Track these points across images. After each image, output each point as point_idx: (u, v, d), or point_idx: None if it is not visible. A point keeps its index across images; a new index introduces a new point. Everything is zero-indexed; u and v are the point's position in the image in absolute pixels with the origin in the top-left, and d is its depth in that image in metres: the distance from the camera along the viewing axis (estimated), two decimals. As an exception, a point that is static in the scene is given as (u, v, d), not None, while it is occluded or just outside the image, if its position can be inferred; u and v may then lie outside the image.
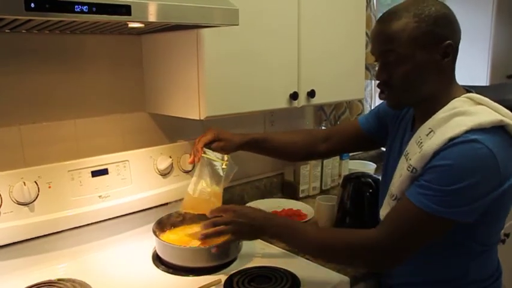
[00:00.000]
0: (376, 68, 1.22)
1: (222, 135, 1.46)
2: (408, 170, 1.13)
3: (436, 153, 1.07)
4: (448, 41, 1.12)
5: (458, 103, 1.13)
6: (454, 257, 1.19)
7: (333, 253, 1.23)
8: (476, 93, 1.17)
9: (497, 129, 1.07)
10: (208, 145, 1.44)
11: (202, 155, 1.42)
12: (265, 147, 1.55)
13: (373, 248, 1.14)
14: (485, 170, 1.03)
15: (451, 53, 1.13)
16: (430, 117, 1.14)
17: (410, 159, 1.14)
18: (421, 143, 1.12)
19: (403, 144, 1.26)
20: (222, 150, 1.46)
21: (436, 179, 1.05)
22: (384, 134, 1.44)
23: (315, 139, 1.58)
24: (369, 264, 1.22)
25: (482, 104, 1.12)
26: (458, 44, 1.17)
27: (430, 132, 1.12)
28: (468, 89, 1.21)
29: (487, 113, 1.09)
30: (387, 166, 1.36)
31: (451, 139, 1.05)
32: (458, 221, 1.06)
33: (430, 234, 1.11)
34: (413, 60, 1.12)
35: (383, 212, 1.24)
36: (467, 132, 1.04)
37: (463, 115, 1.09)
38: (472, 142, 1.03)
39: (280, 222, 1.31)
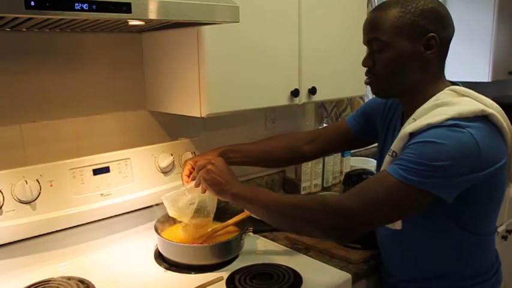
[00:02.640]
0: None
1: (198, 162, 1.39)
2: (389, 155, 1.15)
3: (413, 134, 1.09)
4: (432, 34, 1.13)
5: (442, 96, 1.15)
6: (451, 250, 1.20)
7: (292, 216, 1.16)
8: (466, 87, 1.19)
9: (479, 118, 1.08)
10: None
11: None
12: (241, 157, 1.50)
13: (341, 212, 1.08)
14: (465, 151, 1.03)
15: (434, 45, 1.15)
16: (419, 108, 1.16)
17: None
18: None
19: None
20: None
21: (416, 153, 1.05)
22: (372, 131, 1.45)
23: (298, 141, 1.56)
24: (336, 230, 1.10)
25: (466, 96, 1.13)
26: (448, 40, 1.19)
27: (413, 122, 1.14)
28: (455, 82, 1.22)
29: (469, 103, 1.10)
30: (380, 164, 1.35)
31: (429, 124, 1.07)
32: (435, 195, 1.04)
33: (406, 206, 1.08)
34: (395, 49, 1.15)
35: None
36: (448, 119, 1.06)
37: (445, 105, 1.11)
38: (452, 126, 1.05)
39: (245, 185, 1.29)
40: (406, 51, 1.15)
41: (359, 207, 1.07)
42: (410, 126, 1.11)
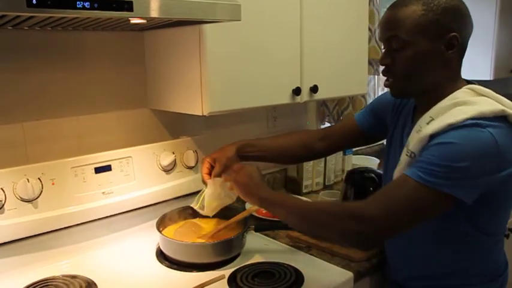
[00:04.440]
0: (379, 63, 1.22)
1: (217, 160, 1.43)
2: (407, 155, 1.13)
3: (434, 136, 1.07)
4: (454, 33, 1.11)
5: (460, 94, 1.13)
6: (462, 248, 1.18)
7: (316, 222, 1.14)
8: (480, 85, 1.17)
9: (499, 118, 1.06)
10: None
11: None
12: (258, 151, 1.51)
13: (362, 217, 1.05)
14: (484, 151, 1.02)
15: (455, 45, 1.12)
16: (435, 105, 1.14)
17: (409, 145, 1.14)
18: (421, 131, 1.11)
19: (404, 137, 1.25)
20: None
21: (436, 154, 1.03)
22: (382, 128, 1.43)
23: (310, 139, 1.57)
24: (356, 236, 1.07)
25: (484, 95, 1.12)
26: (467, 39, 1.16)
27: (430, 120, 1.11)
28: (473, 82, 1.20)
29: (489, 103, 1.09)
30: (388, 160, 1.35)
31: (450, 124, 1.05)
32: (457, 197, 1.03)
33: (427, 209, 1.06)
34: (416, 47, 1.12)
35: None
36: (468, 119, 1.04)
37: (464, 105, 1.09)
38: (473, 126, 1.03)
39: (273, 191, 1.29)
40: (426, 51, 1.12)
41: (380, 213, 1.04)
42: (430, 126, 1.09)
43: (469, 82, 1.20)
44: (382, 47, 1.23)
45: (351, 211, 1.08)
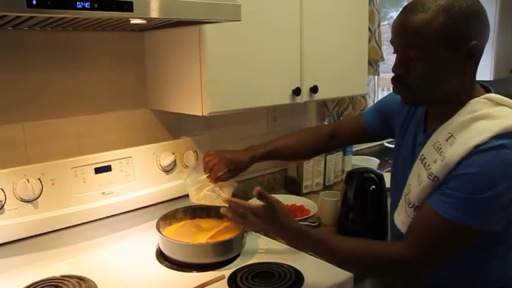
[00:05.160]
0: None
1: (236, 162, 1.44)
2: (429, 179, 1.07)
3: (461, 162, 1.01)
4: (474, 42, 1.04)
5: (478, 105, 1.07)
6: (475, 257, 1.14)
7: (360, 266, 1.20)
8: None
9: None
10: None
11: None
12: (279, 157, 1.56)
13: (404, 263, 1.10)
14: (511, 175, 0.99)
15: (476, 54, 1.06)
16: (446, 118, 1.09)
17: (429, 166, 1.08)
18: (441, 148, 1.07)
19: (417, 146, 1.21)
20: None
21: (462, 187, 1.00)
22: (387, 128, 1.41)
23: (321, 137, 1.58)
24: (399, 277, 1.19)
25: (502, 105, 1.06)
26: (485, 45, 1.10)
27: (450, 137, 1.06)
28: (486, 86, 1.16)
29: (510, 115, 1.04)
30: (397, 166, 1.33)
31: (476, 146, 1.00)
32: (487, 230, 1.02)
33: (459, 244, 1.07)
34: (436, 58, 1.05)
35: (398, 217, 1.20)
36: (493, 138, 0.99)
37: (485, 119, 1.03)
38: (498, 148, 0.98)
39: (304, 234, 1.23)
40: (446, 62, 1.06)
41: (422, 257, 1.07)
42: (455, 149, 1.03)
43: (482, 86, 1.15)
44: (393, 52, 1.15)
45: (394, 258, 1.11)
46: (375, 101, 2.70)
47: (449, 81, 1.09)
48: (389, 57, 2.52)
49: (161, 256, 1.45)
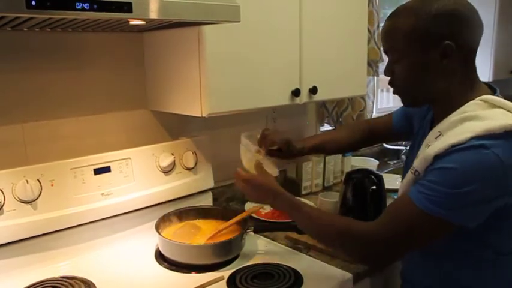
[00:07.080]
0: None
1: (290, 145, 1.52)
2: (411, 172, 1.10)
3: (438, 157, 1.04)
4: (448, 42, 1.06)
5: (471, 107, 1.08)
6: (467, 266, 1.15)
7: (329, 239, 1.22)
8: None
9: (510, 133, 1.01)
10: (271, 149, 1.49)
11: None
12: (322, 151, 1.66)
13: (370, 240, 1.11)
14: (489, 176, 0.99)
15: (450, 54, 1.08)
16: (445, 118, 1.11)
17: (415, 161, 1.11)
18: (429, 146, 1.09)
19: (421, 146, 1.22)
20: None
21: (438, 181, 1.02)
22: (409, 130, 1.44)
23: (362, 133, 1.62)
24: (363, 255, 1.17)
25: (498, 107, 1.06)
26: (472, 42, 1.11)
27: (439, 135, 1.09)
28: (493, 87, 1.16)
29: (501, 116, 1.04)
30: (407, 166, 1.32)
31: (453, 145, 1.02)
32: (458, 224, 1.03)
33: (429, 235, 1.07)
34: (412, 60, 1.11)
35: None
36: (473, 138, 1.00)
37: (473, 120, 1.04)
38: (479, 148, 0.99)
39: (287, 201, 1.30)
40: (421, 61, 1.10)
41: (389, 239, 1.09)
42: (435, 146, 1.05)
43: (489, 87, 1.15)
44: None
45: (362, 234, 1.13)
46: (374, 102, 2.70)
47: (432, 81, 1.12)
48: (389, 58, 2.52)
49: (160, 257, 1.45)
